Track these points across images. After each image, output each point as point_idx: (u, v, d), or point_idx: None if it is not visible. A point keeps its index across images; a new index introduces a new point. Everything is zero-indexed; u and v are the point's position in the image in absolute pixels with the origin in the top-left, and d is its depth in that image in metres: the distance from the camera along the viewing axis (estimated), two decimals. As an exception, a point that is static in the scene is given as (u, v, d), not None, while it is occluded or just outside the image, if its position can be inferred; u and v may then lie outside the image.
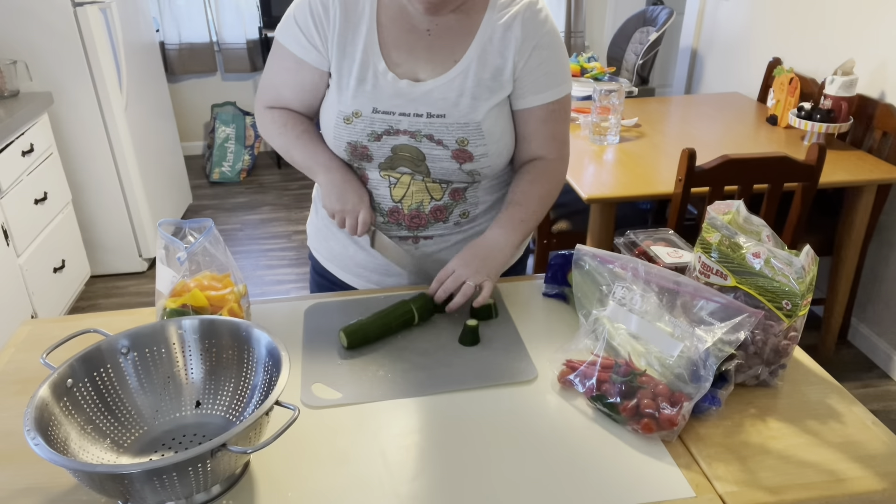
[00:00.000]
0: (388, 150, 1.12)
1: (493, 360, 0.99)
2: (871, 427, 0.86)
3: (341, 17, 1.11)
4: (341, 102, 1.12)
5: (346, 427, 0.87)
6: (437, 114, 1.10)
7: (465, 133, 1.10)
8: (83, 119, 2.86)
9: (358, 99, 1.11)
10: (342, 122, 1.12)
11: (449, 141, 1.11)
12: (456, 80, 1.10)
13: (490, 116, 1.11)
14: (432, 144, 1.11)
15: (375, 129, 1.11)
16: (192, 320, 0.89)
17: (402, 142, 1.11)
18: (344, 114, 1.12)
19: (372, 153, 1.13)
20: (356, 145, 1.13)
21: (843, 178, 2.14)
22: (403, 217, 1.18)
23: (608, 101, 2.35)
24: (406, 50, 1.12)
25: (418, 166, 1.13)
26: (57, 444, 0.73)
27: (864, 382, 2.43)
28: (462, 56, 1.11)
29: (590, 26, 4.86)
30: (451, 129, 1.10)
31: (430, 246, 1.22)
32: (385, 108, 1.11)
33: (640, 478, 0.79)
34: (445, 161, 1.12)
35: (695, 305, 0.97)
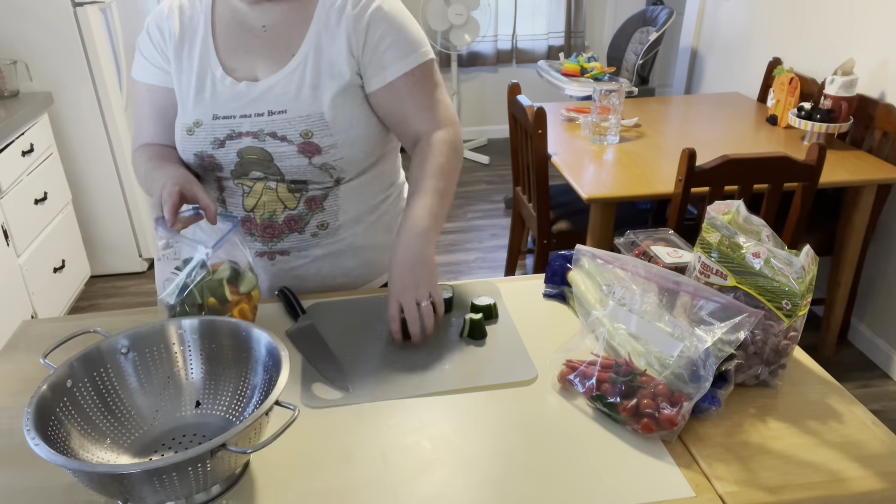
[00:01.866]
0: (234, 154, 1.11)
1: (493, 360, 0.99)
2: (871, 427, 0.86)
3: (178, 33, 1.13)
4: (183, 114, 1.12)
5: (346, 427, 0.87)
6: (277, 110, 1.09)
7: (307, 125, 1.08)
8: (83, 119, 2.86)
9: (198, 108, 1.11)
10: (186, 134, 1.12)
11: (293, 135, 1.08)
12: (295, 72, 1.09)
13: (335, 105, 1.08)
14: (276, 142, 1.09)
15: (217, 135, 1.10)
16: (192, 320, 0.89)
17: (245, 144, 1.10)
18: (186, 125, 1.12)
19: (219, 161, 1.12)
20: (202, 155, 1.12)
21: (843, 178, 2.14)
22: (256, 227, 1.16)
23: (608, 101, 2.35)
24: (243, 51, 1.12)
25: (268, 167, 1.11)
26: (57, 444, 0.73)
27: (864, 382, 2.43)
28: (298, 48, 1.10)
29: (590, 26, 4.86)
30: (294, 123, 1.08)
31: (287, 262, 1.19)
32: (224, 112, 1.10)
33: (640, 478, 0.79)
34: (293, 157, 1.09)
35: (695, 305, 0.97)
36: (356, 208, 1.19)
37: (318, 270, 1.21)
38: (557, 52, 4.78)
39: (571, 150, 2.38)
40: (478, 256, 3.37)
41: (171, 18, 1.14)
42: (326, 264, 1.21)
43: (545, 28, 4.78)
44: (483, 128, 5.06)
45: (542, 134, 2.26)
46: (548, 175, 2.32)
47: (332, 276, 1.22)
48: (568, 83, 3.42)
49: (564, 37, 4.74)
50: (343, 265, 1.22)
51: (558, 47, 4.80)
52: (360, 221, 1.20)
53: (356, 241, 1.21)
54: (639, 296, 0.95)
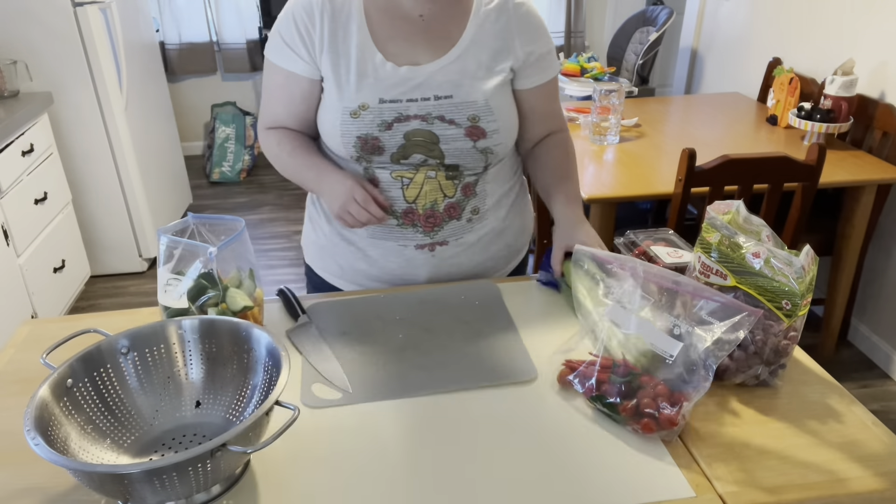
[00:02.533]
0: (401, 137, 1.12)
1: (493, 360, 0.99)
2: (871, 427, 0.86)
3: (329, 21, 1.13)
4: (344, 99, 1.12)
5: (346, 427, 0.87)
6: (444, 95, 1.12)
7: (475, 110, 1.12)
8: (83, 119, 2.86)
9: (362, 92, 1.12)
10: (349, 118, 1.12)
11: (461, 119, 1.12)
12: (456, 62, 1.13)
13: (496, 94, 1.14)
14: (444, 125, 1.12)
15: (385, 118, 1.11)
16: (192, 320, 0.89)
17: (413, 127, 1.12)
18: (350, 108, 1.12)
19: (384, 144, 1.13)
20: (367, 138, 1.12)
21: (843, 178, 2.14)
22: (419, 218, 1.18)
23: (608, 101, 2.35)
24: (402, 38, 1.13)
25: (432, 150, 1.13)
26: (57, 444, 0.73)
27: (864, 382, 2.43)
28: (458, 39, 1.14)
29: (590, 26, 4.86)
30: (461, 108, 1.12)
31: (446, 252, 1.22)
32: (391, 96, 1.11)
33: (640, 478, 0.79)
34: (459, 140, 1.13)
35: (695, 305, 0.97)
36: (498, 192, 1.24)
37: (472, 257, 1.25)
38: (557, 52, 4.78)
39: (571, 150, 2.38)
40: (478, 256, 3.36)
41: (322, 7, 1.13)
42: (478, 250, 1.25)
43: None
44: (483, 128, 5.05)
45: (542, 134, 2.26)
46: (548, 175, 2.32)
47: (482, 261, 1.27)
48: (568, 83, 3.42)
49: (564, 37, 4.73)
50: (490, 250, 1.27)
51: (558, 47, 4.79)
52: (501, 205, 1.26)
53: (499, 224, 1.26)
54: (639, 296, 0.95)
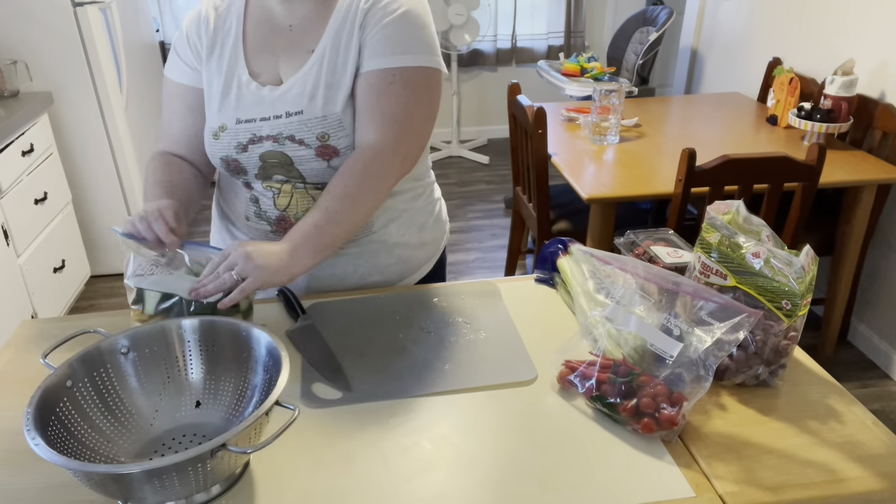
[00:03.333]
0: (257, 158, 1.10)
1: (493, 360, 0.99)
2: (871, 427, 0.86)
3: (211, 36, 1.13)
4: (210, 118, 1.13)
5: (346, 427, 0.87)
6: (294, 111, 1.07)
7: (324, 127, 1.06)
8: (83, 119, 2.86)
9: (222, 112, 1.11)
10: (212, 139, 1.12)
11: (310, 139, 1.07)
12: (311, 71, 1.07)
13: (350, 105, 1.07)
14: (295, 145, 1.08)
15: (240, 139, 1.10)
16: (192, 320, 0.89)
17: (266, 148, 1.09)
18: (212, 129, 1.12)
19: (243, 164, 1.12)
20: (227, 159, 1.12)
21: (843, 178, 2.14)
22: (291, 226, 1.13)
23: (608, 101, 2.35)
24: (270, 52, 1.11)
25: (290, 171, 1.10)
26: (57, 444, 0.73)
27: (864, 382, 2.43)
28: (316, 45, 1.08)
29: (590, 26, 4.86)
30: (311, 125, 1.07)
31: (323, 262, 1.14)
32: (247, 116, 1.10)
33: (640, 478, 0.79)
34: (312, 161, 1.08)
35: (695, 305, 0.97)
36: (387, 207, 1.18)
37: (356, 269, 1.21)
38: (557, 52, 4.78)
39: (571, 150, 2.38)
40: (478, 256, 3.37)
41: (208, 20, 1.14)
42: (363, 262, 1.20)
43: (545, 28, 4.78)
44: (483, 128, 5.06)
45: (542, 134, 2.26)
46: (548, 175, 2.32)
47: (368, 273, 1.22)
48: (568, 83, 3.42)
49: (564, 37, 4.73)
50: (379, 263, 1.22)
51: (558, 47, 4.80)
52: (392, 220, 1.20)
53: (390, 238, 1.20)
54: (638, 296, 0.95)
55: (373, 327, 1.08)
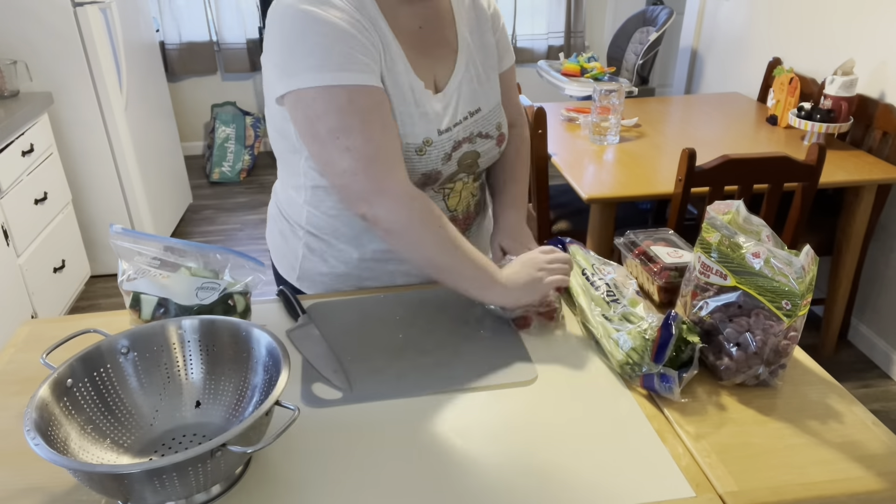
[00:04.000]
0: (455, 164, 1.08)
1: (493, 360, 0.99)
2: (871, 427, 0.86)
3: (377, 41, 0.98)
4: (406, 134, 1.00)
5: (346, 427, 0.87)
6: (473, 110, 1.10)
7: (498, 117, 1.12)
8: (83, 119, 2.86)
9: (420, 126, 1.01)
10: (414, 155, 1.01)
11: (492, 130, 1.12)
12: (468, 70, 1.10)
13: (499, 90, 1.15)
14: (483, 140, 1.11)
15: (446, 149, 1.05)
16: (193, 320, 0.89)
17: (464, 151, 1.08)
18: (415, 145, 1.01)
19: (443, 174, 1.07)
20: (429, 174, 1.04)
21: (843, 178, 2.14)
22: (459, 224, 1.17)
23: (608, 101, 2.35)
24: (418, 54, 1.03)
25: (473, 168, 1.12)
26: (57, 444, 0.73)
27: (864, 382, 2.43)
28: (457, 44, 1.10)
29: (590, 26, 4.86)
30: (490, 118, 1.11)
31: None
32: (444, 125, 1.04)
33: (640, 478, 0.79)
34: (493, 150, 1.14)
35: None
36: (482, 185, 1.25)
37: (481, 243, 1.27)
38: (557, 52, 4.78)
39: (571, 150, 2.38)
40: (478, 256, 3.36)
41: (363, 25, 0.96)
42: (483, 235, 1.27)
43: (545, 28, 4.78)
44: (483, 128, 5.05)
45: (542, 134, 2.26)
46: (548, 175, 2.32)
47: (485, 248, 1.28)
48: (568, 83, 3.42)
49: (564, 37, 4.73)
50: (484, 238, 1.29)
51: (558, 47, 4.80)
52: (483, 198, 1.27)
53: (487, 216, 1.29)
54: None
55: (373, 327, 1.08)
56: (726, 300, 0.94)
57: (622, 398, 0.91)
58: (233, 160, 4.29)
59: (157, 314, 0.97)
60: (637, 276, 1.19)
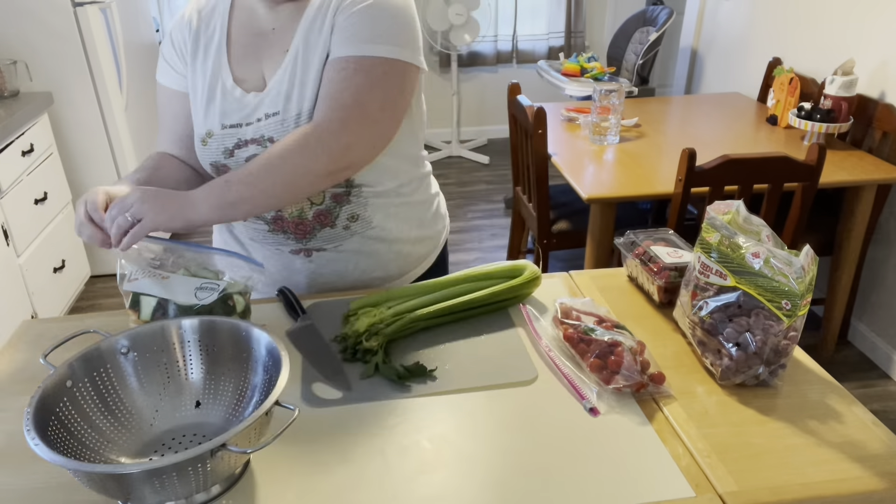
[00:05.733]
0: (244, 162, 1.09)
1: (493, 360, 0.99)
2: (871, 427, 0.86)
3: (194, 40, 1.12)
4: (196, 124, 1.12)
5: (346, 427, 0.87)
6: (272, 112, 1.06)
7: (299, 126, 1.04)
8: (83, 119, 2.86)
9: (208, 118, 1.10)
10: (200, 145, 1.12)
11: None
12: (286, 71, 1.05)
13: None
14: None
15: (227, 144, 1.10)
16: (192, 320, 0.89)
17: (251, 152, 1.08)
18: (200, 135, 1.11)
19: (230, 168, 1.11)
20: (217, 165, 1.11)
21: (843, 178, 2.14)
22: (288, 225, 1.14)
23: (608, 101, 2.35)
24: (254, 57, 1.10)
25: None
26: (57, 444, 0.73)
27: (864, 382, 2.43)
28: (290, 44, 1.06)
29: (590, 26, 4.86)
30: (287, 125, 1.05)
31: (324, 258, 1.18)
32: (231, 121, 1.09)
33: (640, 478, 0.79)
34: None
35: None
36: (382, 201, 1.17)
37: (356, 265, 1.20)
38: (557, 53, 4.78)
39: (571, 150, 2.38)
40: (478, 256, 3.37)
41: (191, 23, 1.14)
42: (363, 259, 1.20)
43: (545, 28, 4.78)
44: (483, 128, 5.06)
45: (542, 134, 2.26)
46: (548, 175, 2.33)
47: (370, 269, 1.22)
48: (568, 83, 3.42)
49: (564, 37, 4.74)
50: (379, 259, 1.21)
51: (558, 47, 4.80)
52: (390, 215, 1.18)
53: (388, 234, 1.20)
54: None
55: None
56: (726, 300, 0.94)
57: (622, 398, 0.91)
58: (233, 160, 4.29)
59: (157, 315, 0.97)
60: (637, 276, 1.19)
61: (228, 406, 0.87)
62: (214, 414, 0.87)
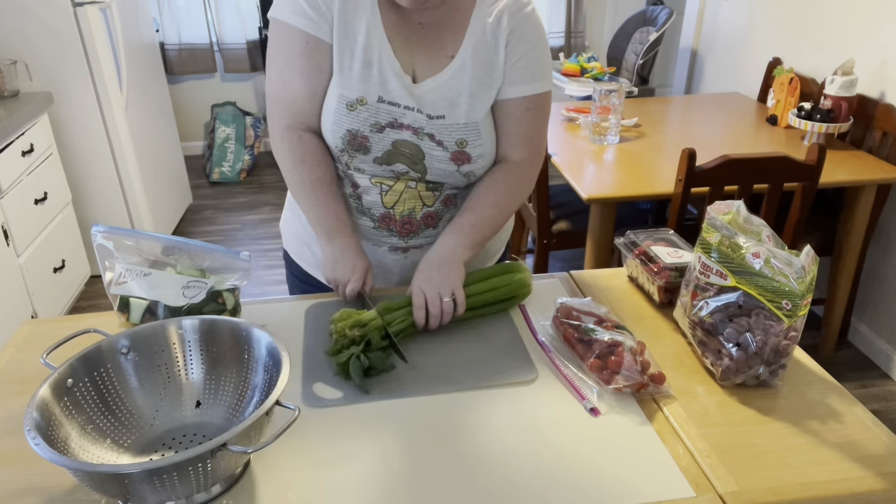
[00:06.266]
0: (389, 143, 1.09)
1: (493, 360, 0.99)
2: (871, 427, 0.86)
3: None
4: (343, 86, 1.06)
5: (346, 427, 0.87)
6: (437, 115, 1.08)
7: (464, 134, 1.09)
8: (83, 119, 2.86)
9: (364, 84, 1.06)
10: (344, 108, 1.07)
11: (449, 143, 1.09)
12: (453, 78, 1.08)
13: (488, 116, 1.10)
14: (433, 144, 1.09)
15: (380, 119, 1.07)
16: (193, 320, 0.89)
17: (404, 137, 1.08)
18: (347, 99, 1.06)
19: (371, 145, 1.09)
20: (356, 134, 1.08)
21: (843, 178, 2.14)
22: (395, 223, 1.16)
23: (608, 101, 2.35)
24: (403, 39, 1.08)
25: (416, 164, 1.10)
26: (57, 444, 0.73)
27: (864, 382, 2.43)
28: (457, 52, 1.08)
29: (590, 26, 4.86)
30: (452, 130, 1.08)
31: (419, 255, 1.19)
32: (392, 98, 1.07)
33: (640, 478, 0.79)
34: (444, 163, 1.10)
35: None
36: None
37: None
38: (557, 53, 4.78)
39: (571, 150, 2.38)
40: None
41: None
42: None
43: (545, 28, 4.78)
44: (483, 128, 5.05)
45: (542, 134, 2.26)
46: (548, 175, 2.32)
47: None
48: (568, 83, 3.42)
49: (564, 37, 4.73)
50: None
51: (558, 47, 4.80)
52: None
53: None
54: None
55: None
56: (726, 300, 0.94)
57: (622, 398, 0.91)
58: (233, 160, 4.29)
59: (146, 317, 0.97)
60: (637, 277, 1.19)
61: (228, 406, 0.87)
62: (214, 414, 0.87)
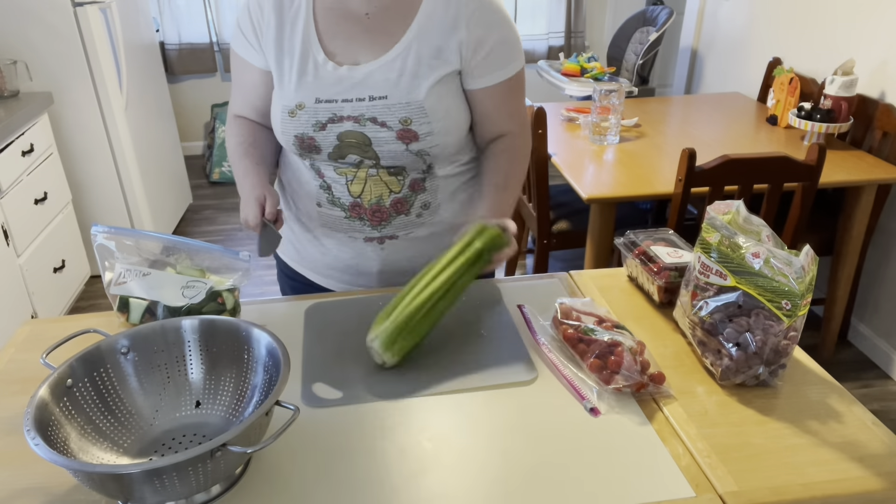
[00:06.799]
0: (334, 138, 1.13)
1: (493, 360, 0.99)
2: (871, 427, 0.86)
3: (276, 13, 1.14)
4: (284, 97, 1.14)
5: (346, 427, 0.87)
6: (378, 96, 1.11)
7: (407, 112, 1.11)
8: (83, 119, 2.86)
9: (300, 91, 1.13)
10: (287, 116, 1.14)
11: (392, 122, 1.11)
12: (396, 60, 1.11)
13: (433, 94, 1.11)
14: (376, 127, 1.11)
15: (319, 118, 1.12)
16: (192, 320, 0.89)
17: (346, 128, 1.12)
18: (288, 107, 1.13)
19: (319, 143, 1.14)
20: (303, 137, 1.14)
21: (843, 178, 2.14)
22: (365, 212, 1.19)
23: (608, 101, 2.35)
24: (344, 38, 1.13)
25: (366, 152, 1.14)
26: (57, 444, 0.73)
27: (864, 382, 2.43)
28: (402, 36, 1.11)
29: (590, 26, 4.86)
30: (394, 110, 1.11)
31: (396, 245, 1.23)
32: (327, 96, 1.12)
33: (640, 478, 0.79)
34: (391, 143, 1.12)
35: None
36: (451, 187, 1.23)
37: (424, 251, 1.24)
38: (557, 52, 4.78)
39: (571, 150, 2.38)
40: (478, 256, 3.36)
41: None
42: (431, 245, 1.24)
43: (545, 28, 4.78)
44: (483, 128, 5.05)
45: (542, 134, 2.26)
46: (548, 175, 2.32)
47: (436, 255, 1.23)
48: (568, 83, 3.42)
49: (564, 37, 4.73)
50: (444, 243, 1.24)
51: (558, 47, 4.80)
52: (455, 200, 1.24)
53: (452, 218, 1.24)
54: None
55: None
56: (726, 300, 0.94)
57: (622, 398, 0.91)
58: (233, 160, 4.29)
59: (146, 317, 0.97)
60: (637, 276, 1.19)
61: (228, 406, 0.87)
62: (214, 414, 0.87)
